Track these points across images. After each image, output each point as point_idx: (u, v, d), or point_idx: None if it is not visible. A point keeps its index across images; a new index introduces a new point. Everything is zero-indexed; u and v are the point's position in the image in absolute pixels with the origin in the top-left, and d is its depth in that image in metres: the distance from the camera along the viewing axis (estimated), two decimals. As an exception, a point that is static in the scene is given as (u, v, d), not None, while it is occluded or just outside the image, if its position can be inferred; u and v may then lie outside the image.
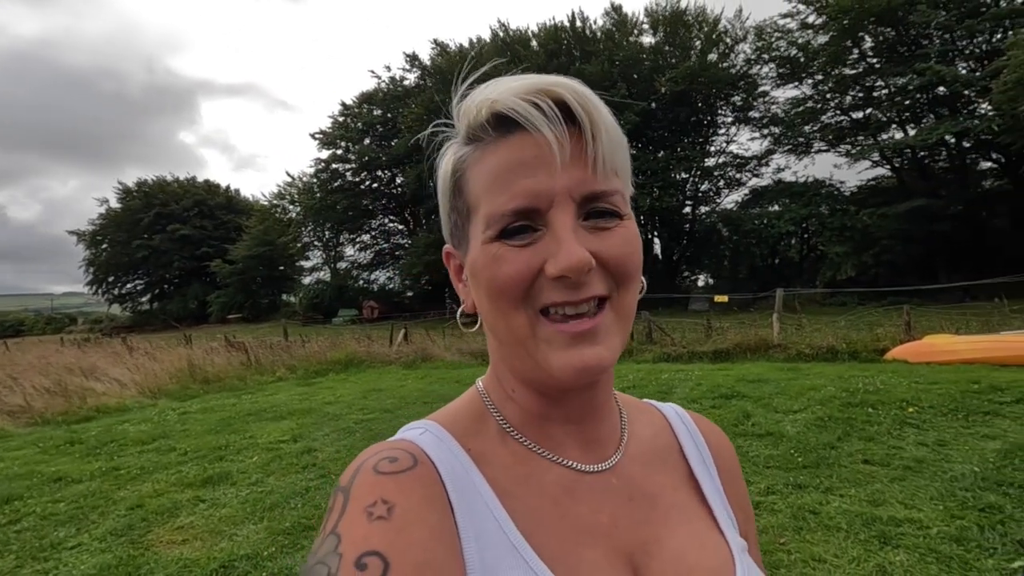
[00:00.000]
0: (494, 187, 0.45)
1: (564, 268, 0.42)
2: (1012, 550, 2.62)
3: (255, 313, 42.84)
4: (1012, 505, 3.05)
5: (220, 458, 5.10)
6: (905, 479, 3.54)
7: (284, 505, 3.85)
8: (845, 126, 26.75)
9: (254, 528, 3.52)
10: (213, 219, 49.75)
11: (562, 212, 0.44)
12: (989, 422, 4.49)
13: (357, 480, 0.43)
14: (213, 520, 3.68)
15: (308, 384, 9.28)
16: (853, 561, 2.65)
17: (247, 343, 12.62)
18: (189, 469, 4.81)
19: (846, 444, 4.27)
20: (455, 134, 0.51)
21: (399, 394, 7.59)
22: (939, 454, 3.92)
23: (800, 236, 27.75)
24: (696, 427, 0.63)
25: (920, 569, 2.53)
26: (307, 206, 38.05)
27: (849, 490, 3.45)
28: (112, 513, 3.92)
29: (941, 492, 3.30)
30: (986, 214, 22.25)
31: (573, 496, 0.50)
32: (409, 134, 32.00)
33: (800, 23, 25.38)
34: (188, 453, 5.31)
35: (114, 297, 53.77)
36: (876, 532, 2.89)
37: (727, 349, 9.00)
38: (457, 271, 0.53)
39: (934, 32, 23.20)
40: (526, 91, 0.44)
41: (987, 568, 2.50)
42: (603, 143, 0.44)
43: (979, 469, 3.55)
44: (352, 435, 5.60)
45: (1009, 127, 18.74)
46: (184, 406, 7.83)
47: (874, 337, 8.48)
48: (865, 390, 5.59)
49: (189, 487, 4.35)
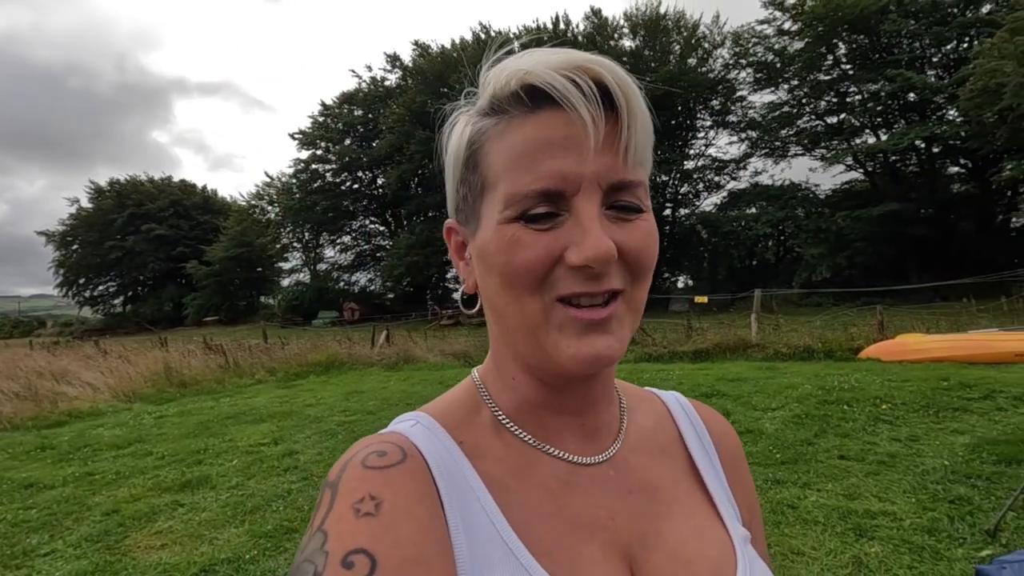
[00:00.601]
0: (518, 165, 0.42)
1: (589, 258, 0.40)
2: (980, 539, 2.72)
3: (232, 315, 42.12)
4: (980, 497, 3.16)
5: (199, 462, 5.01)
6: (879, 473, 3.64)
7: (266, 508, 3.80)
8: (820, 131, 27.37)
9: (235, 531, 3.47)
10: (189, 220, 48.79)
11: (588, 199, 0.42)
12: (958, 418, 4.64)
13: (345, 475, 0.42)
14: (193, 524, 3.62)
15: (288, 386, 9.16)
16: (830, 553, 2.72)
17: (225, 345, 12.41)
18: (167, 473, 4.72)
19: (822, 440, 4.37)
20: (471, 104, 0.48)
21: (381, 396, 7.54)
22: (911, 449, 4.04)
23: (777, 238, 28.33)
24: (698, 416, 0.61)
25: (894, 560, 2.61)
26: (286, 207, 37.58)
27: (826, 485, 3.53)
28: (87, 519, 3.83)
29: (913, 485, 3.40)
30: (954, 217, 22.94)
31: (570, 489, 0.48)
32: (391, 135, 31.87)
33: (776, 29, 25.93)
34: (165, 457, 5.20)
35: (85, 299, 52.38)
36: (852, 525, 2.97)
37: (707, 349, 9.13)
38: (458, 248, 0.51)
39: (904, 40, 23.92)
40: (564, 66, 0.42)
41: (957, 557, 2.58)
42: (637, 131, 0.42)
43: (949, 463, 3.67)
44: (334, 437, 5.55)
45: (975, 133, 19.39)
46: (160, 410, 7.67)
47: (848, 336, 8.69)
48: (840, 388, 5.72)
49: (167, 491, 4.26)
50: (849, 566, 2.60)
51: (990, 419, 4.53)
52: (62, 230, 49.62)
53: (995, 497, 3.12)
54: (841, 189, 27.80)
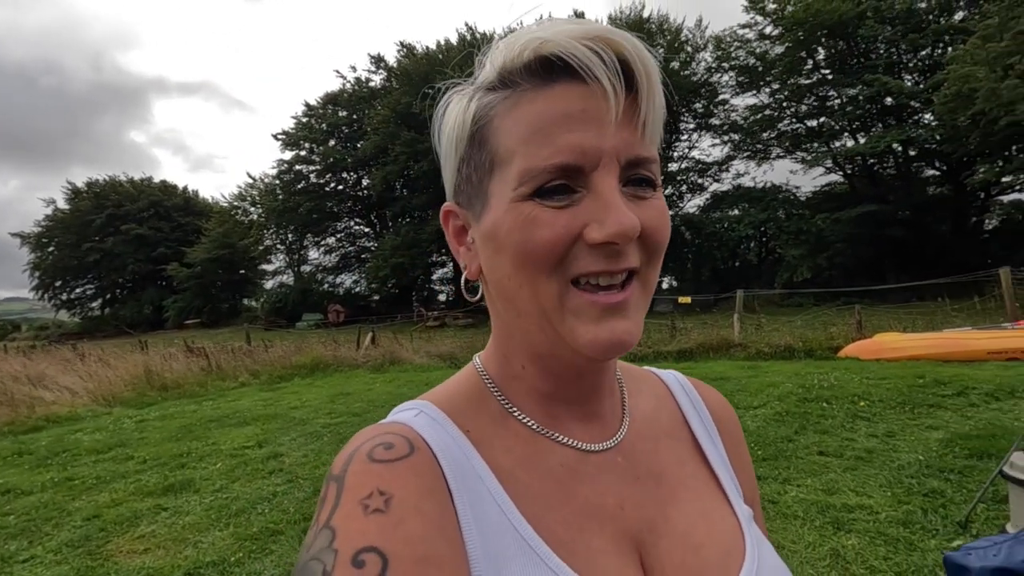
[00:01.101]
0: (534, 139, 0.40)
1: (613, 233, 0.39)
2: (952, 530, 2.81)
3: (215, 318, 41.50)
4: (952, 490, 3.26)
5: (182, 465, 4.96)
6: (857, 468, 3.73)
7: (251, 511, 3.78)
8: (800, 134, 27.78)
9: (220, 535, 3.45)
10: (170, 221, 47.97)
11: (608, 174, 0.40)
12: (933, 414, 4.77)
13: (351, 469, 0.40)
14: (176, 528, 3.58)
15: (272, 389, 9.08)
16: (809, 546, 2.79)
17: (207, 348, 12.25)
18: (149, 477, 4.66)
19: (802, 437, 4.47)
20: (468, 83, 0.46)
21: (367, 398, 7.52)
22: (888, 444, 4.14)
23: (759, 239, 28.70)
24: (698, 394, 0.61)
25: (870, 551, 2.68)
26: (269, 208, 37.12)
27: (805, 480, 3.61)
28: (67, 524, 3.77)
29: (889, 480, 3.49)
30: (930, 219, 23.44)
31: (578, 477, 0.47)
32: (375, 136, 31.69)
33: (758, 34, 26.30)
34: (147, 461, 5.13)
35: (62, 303, 51.20)
36: (830, 518, 3.04)
37: (691, 349, 9.25)
38: (458, 232, 0.49)
39: (881, 46, 24.41)
40: (584, 36, 0.40)
41: (930, 548, 2.67)
42: (654, 107, 0.41)
43: (923, 457, 3.78)
44: (319, 439, 5.53)
45: (950, 137, 19.86)
46: (141, 414, 7.56)
47: (828, 336, 8.86)
48: (820, 386, 5.84)
49: (149, 495, 4.22)
50: (827, 558, 2.66)
51: (963, 415, 4.66)
52: (37, 231, 48.47)
53: (966, 490, 3.22)
54: (821, 191, 28.24)
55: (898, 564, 2.56)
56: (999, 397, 5.00)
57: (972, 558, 1.41)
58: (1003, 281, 9.40)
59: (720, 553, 0.47)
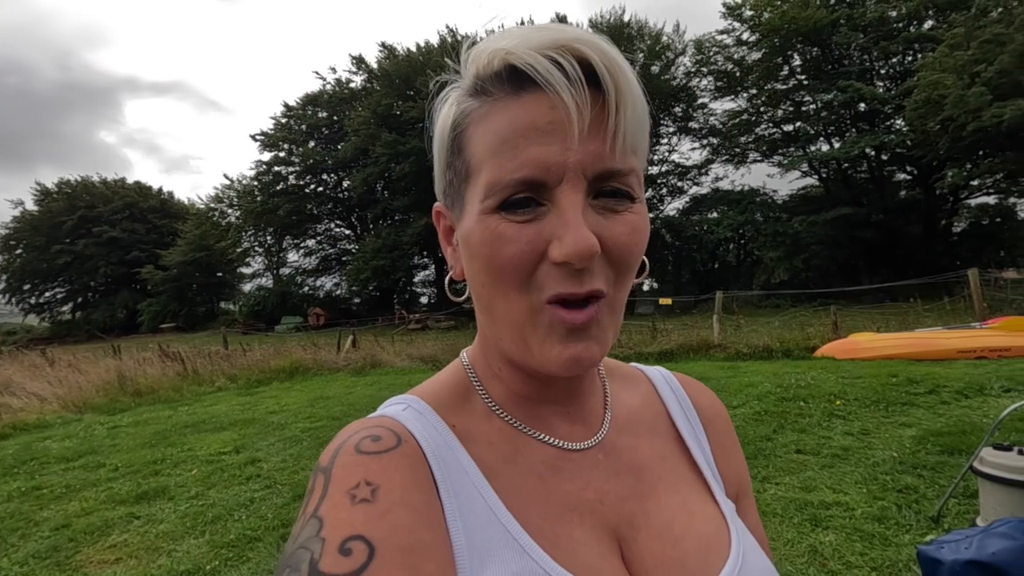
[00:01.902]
0: (500, 151, 0.40)
1: (569, 254, 0.38)
2: (925, 525, 2.87)
3: (191, 322, 40.69)
4: (925, 485, 3.33)
5: (155, 472, 4.84)
6: (833, 466, 3.80)
7: (227, 518, 3.70)
8: (777, 138, 28.31)
9: (195, 543, 3.37)
10: (144, 223, 46.93)
11: (572, 190, 0.39)
12: (906, 411, 4.87)
13: (338, 460, 0.41)
14: (149, 537, 3.49)
15: (250, 394, 8.92)
16: (788, 543, 2.82)
17: (183, 352, 11.99)
18: (121, 485, 4.54)
19: (781, 436, 4.53)
20: (459, 80, 0.45)
21: (348, 401, 7.43)
22: (863, 442, 4.22)
23: (737, 241, 29.12)
24: (684, 390, 0.61)
25: (847, 547, 2.73)
26: (247, 210, 36.54)
27: (784, 478, 3.66)
28: (34, 535, 3.65)
29: (865, 477, 3.56)
30: (901, 222, 24.06)
31: (559, 474, 0.48)
32: (356, 137, 31.44)
33: (735, 39, 26.75)
34: (119, 469, 5.00)
35: (31, 307, 49.69)
36: (808, 516, 3.09)
37: (671, 350, 9.33)
38: (447, 232, 0.50)
39: (855, 53, 25.02)
40: (547, 45, 0.39)
41: (904, 543, 2.72)
42: (627, 115, 0.40)
43: (897, 454, 3.86)
44: (299, 444, 5.44)
45: (920, 142, 20.41)
46: (113, 420, 7.36)
47: (805, 336, 9.01)
48: (797, 385, 5.93)
49: (122, 504, 4.10)
50: (805, 555, 2.70)
51: (934, 412, 4.77)
52: (4, 233, 47.04)
53: (938, 485, 3.30)
54: (797, 194, 28.78)
55: (873, 559, 2.61)
56: (968, 395, 5.14)
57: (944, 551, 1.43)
58: (972, 282, 9.67)
59: (700, 545, 0.47)
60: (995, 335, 7.17)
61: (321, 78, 46.01)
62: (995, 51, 16.65)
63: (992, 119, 15.95)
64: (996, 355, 6.82)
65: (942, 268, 16.27)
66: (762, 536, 0.57)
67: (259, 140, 36.45)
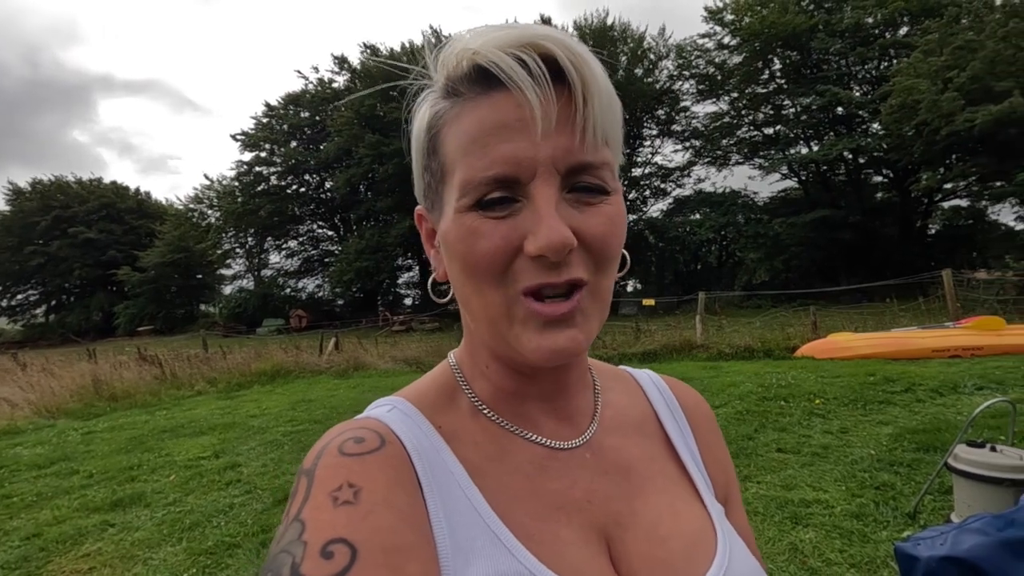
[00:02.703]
0: (471, 150, 0.40)
1: (543, 247, 0.39)
2: (902, 522, 2.92)
3: (169, 325, 39.94)
4: (902, 482, 3.39)
5: (132, 479, 4.73)
6: (813, 464, 3.85)
7: (206, 524, 3.63)
8: (758, 141, 28.72)
9: (172, 550, 3.29)
10: (121, 223, 45.97)
11: (545, 184, 0.40)
12: (883, 410, 4.96)
13: (321, 462, 0.41)
14: (124, 545, 3.41)
15: (230, 397, 8.77)
16: (769, 541, 2.85)
17: (161, 356, 11.76)
18: (95, 492, 4.43)
19: (762, 435, 4.58)
20: (434, 83, 0.45)
21: (330, 404, 7.35)
22: (842, 440, 4.29)
23: (719, 243, 29.49)
24: (671, 392, 0.62)
25: (826, 544, 2.76)
26: (228, 211, 36.01)
27: (765, 477, 3.70)
28: (3, 545, 3.54)
29: (843, 474, 3.61)
30: (878, 223, 24.56)
31: (546, 473, 0.48)
32: (339, 138, 31.19)
33: (717, 43, 27.10)
34: (94, 475, 4.88)
35: (2, 309, 48.33)
36: (789, 513, 3.12)
37: (655, 350, 9.39)
38: (429, 235, 0.50)
39: (832, 58, 25.49)
40: (511, 43, 0.40)
41: (881, 539, 2.76)
42: (595, 108, 0.40)
43: (875, 452, 3.92)
44: (280, 448, 5.36)
45: (896, 145, 20.86)
46: (88, 425, 7.18)
47: (785, 336, 9.14)
48: (778, 385, 6.01)
49: (96, 511, 4.00)
50: (786, 553, 2.73)
51: (911, 410, 4.87)
52: (-26, 235, 45.72)
53: (915, 482, 3.36)
54: (778, 196, 29.23)
55: (852, 556, 2.64)
56: (943, 393, 5.25)
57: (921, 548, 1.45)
58: (945, 283, 9.90)
59: (686, 545, 0.47)
60: (968, 334, 7.34)
61: (303, 77, 45.63)
62: (967, 57, 17.08)
63: (964, 124, 16.36)
64: (969, 354, 6.99)
65: (917, 269, 16.63)
66: (749, 535, 0.57)
67: (240, 140, 35.97)
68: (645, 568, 0.45)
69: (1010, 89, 15.85)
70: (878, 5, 22.96)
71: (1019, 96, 15.56)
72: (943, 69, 17.57)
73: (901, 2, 22.40)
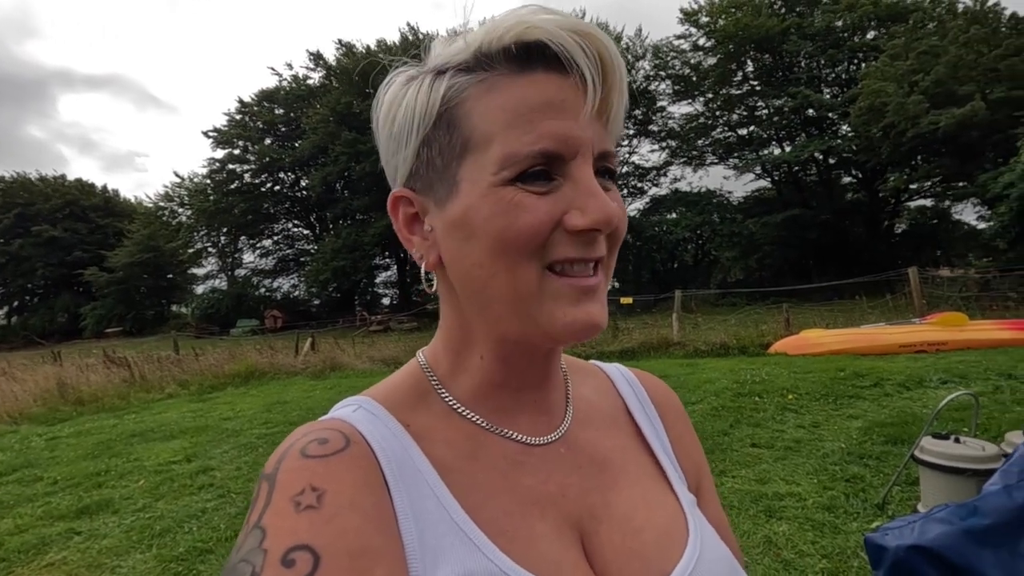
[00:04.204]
0: (516, 124, 0.40)
1: (598, 220, 0.40)
2: (871, 513, 2.99)
3: (139, 326, 38.89)
4: (871, 474, 3.48)
5: (99, 485, 4.59)
6: (786, 458, 3.92)
7: (177, 530, 3.54)
8: (732, 141, 29.22)
9: (141, 557, 3.20)
10: (87, 222, 44.58)
11: (586, 163, 0.41)
12: (853, 404, 5.09)
13: (283, 466, 0.39)
14: (91, 553, 3.30)
15: (203, 400, 8.58)
16: (745, 535, 2.90)
17: (130, 358, 11.44)
18: (60, 499, 4.28)
19: (737, 430, 4.65)
20: (422, 66, 0.45)
21: (306, 405, 7.24)
22: (814, 434, 4.38)
23: (695, 242, 29.90)
24: (641, 385, 0.62)
25: (799, 536, 2.82)
26: (200, 209, 35.21)
27: (740, 471, 3.76)
28: (-39, 556, 3.40)
29: (815, 468, 3.69)
30: (848, 223, 25.22)
31: (521, 468, 0.48)
32: (314, 135, 30.74)
33: (692, 45, 27.49)
34: (59, 482, 4.72)
35: (-40, 311, 46.57)
36: (763, 507, 3.18)
37: (633, 348, 9.48)
38: (410, 220, 0.47)
39: (803, 60, 26.08)
40: (568, 27, 0.40)
41: (852, 530, 2.83)
42: (621, 105, 0.44)
43: (845, 445, 4.02)
44: (254, 451, 5.26)
45: (865, 147, 21.44)
46: (53, 431, 6.95)
47: (759, 333, 9.31)
48: (752, 381, 6.12)
49: (61, 519, 3.87)
50: (761, 545, 2.78)
51: (879, 404, 5.00)
52: (-70, 233, 43.85)
53: (883, 474, 3.45)
54: (752, 196, 29.77)
55: (824, 547, 2.70)
56: (909, 387, 5.41)
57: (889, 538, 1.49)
58: (912, 280, 10.19)
59: (659, 535, 0.48)
60: (933, 330, 7.57)
61: (277, 74, 44.81)
62: (931, 62, 17.64)
63: (929, 126, 16.89)
64: (934, 349, 7.21)
65: (885, 267, 17.10)
66: (723, 522, 0.58)
67: (212, 137, 35.19)
68: (618, 560, 0.46)
69: (972, 93, 16.42)
70: (847, 9, 23.57)
71: (980, 100, 16.14)
72: (909, 73, 18.11)
73: (869, 6, 23.02)
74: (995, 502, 1.36)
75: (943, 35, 18.31)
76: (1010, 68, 16.41)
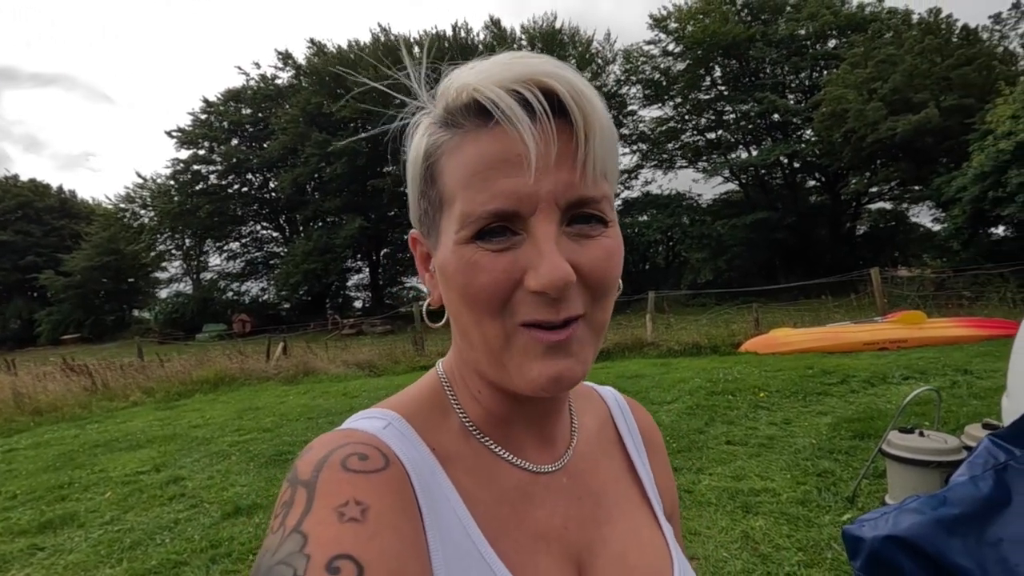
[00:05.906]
0: (472, 183, 0.40)
1: (545, 284, 0.39)
2: (842, 505, 3.10)
3: (98, 332, 37.47)
4: (840, 469, 3.60)
5: (62, 498, 4.41)
6: (760, 455, 4.03)
7: (148, 542, 3.43)
8: (701, 145, 29.82)
9: (111, 572, 3.09)
10: (42, 224, 42.79)
11: (545, 220, 0.40)
12: (822, 401, 5.25)
13: (324, 475, 0.39)
14: (56, 569, 3.17)
15: (170, 407, 8.32)
16: (722, 531, 2.96)
17: (90, 365, 11.02)
18: (20, 515, 4.10)
19: (712, 428, 4.75)
20: (430, 107, 0.45)
21: (279, 411, 7.08)
22: (785, 431, 4.51)
23: (666, 243, 30.41)
24: (632, 414, 0.64)
25: (775, 531, 2.90)
26: (163, 211, 34.15)
27: (716, 468, 3.84)
28: (-86, 577, 3.23)
29: (788, 463, 3.80)
30: (812, 225, 25.98)
31: (530, 499, 0.49)
32: (284, 136, 30.16)
33: (662, 50, 27.98)
34: (17, 496, 4.52)
35: (-97, 318, 44.05)
36: (740, 503, 3.25)
37: (607, 349, 9.57)
38: (424, 259, 0.49)
39: (769, 67, 26.82)
40: (513, 79, 0.39)
41: (824, 523, 2.92)
42: (595, 144, 0.40)
43: (816, 441, 4.15)
44: (226, 459, 5.13)
45: (827, 151, 22.14)
46: (9, 443, 6.64)
47: (730, 333, 9.52)
48: (725, 380, 6.25)
49: (21, 535, 3.70)
50: (738, 540, 2.84)
51: (846, 400, 5.18)
52: None
53: (852, 468, 3.57)
54: (720, 199, 30.40)
55: (799, 540, 2.78)
56: (874, 383, 5.61)
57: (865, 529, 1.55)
58: (874, 280, 10.57)
59: (650, 573, 0.51)
60: (894, 328, 7.87)
61: (244, 73, 43.76)
62: (889, 70, 18.34)
63: (887, 132, 17.55)
64: (895, 346, 7.50)
65: (848, 267, 17.69)
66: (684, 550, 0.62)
67: (176, 137, 34.21)
68: None
69: (926, 101, 17.13)
70: (809, 18, 24.34)
71: (934, 107, 16.85)
72: (868, 81, 18.80)
73: (830, 16, 23.82)
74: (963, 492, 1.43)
75: (899, 45, 19.07)
76: (961, 77, 17.19)
